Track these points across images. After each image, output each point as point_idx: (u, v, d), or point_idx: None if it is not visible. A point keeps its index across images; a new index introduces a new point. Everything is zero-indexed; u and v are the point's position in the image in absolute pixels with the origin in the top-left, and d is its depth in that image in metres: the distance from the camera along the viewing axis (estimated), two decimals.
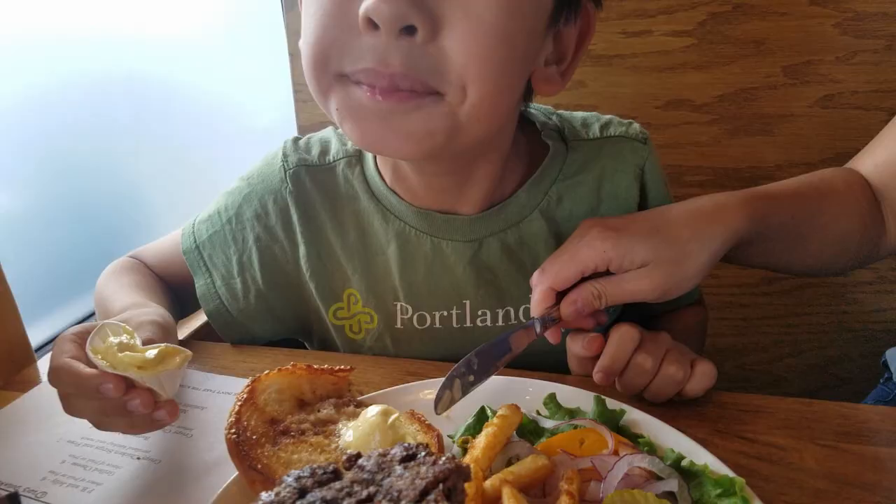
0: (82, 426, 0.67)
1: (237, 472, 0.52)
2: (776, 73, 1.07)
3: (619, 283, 0.63)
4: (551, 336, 0.65)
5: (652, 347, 0.64)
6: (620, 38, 1.10)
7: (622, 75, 1.11)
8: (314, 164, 0.79)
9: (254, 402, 0.54)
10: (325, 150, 0.80)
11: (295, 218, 0.78)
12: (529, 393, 0.63)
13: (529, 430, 0.58)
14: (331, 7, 0.55)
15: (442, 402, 0.60)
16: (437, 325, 0.79)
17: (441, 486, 0.37)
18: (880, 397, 1.00)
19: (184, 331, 1.08)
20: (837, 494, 0.54)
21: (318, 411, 0.56)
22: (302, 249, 0.79)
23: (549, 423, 0.59)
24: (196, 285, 0.82)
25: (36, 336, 0.92)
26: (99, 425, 0.58)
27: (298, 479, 0.40)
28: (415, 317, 0.79)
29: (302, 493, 0.39)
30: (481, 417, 0.58)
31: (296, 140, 0.82)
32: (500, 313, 0.79)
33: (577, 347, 0.65)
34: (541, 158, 0.77)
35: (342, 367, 0.63)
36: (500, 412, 0.55)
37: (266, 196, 0.79)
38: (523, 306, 0.78)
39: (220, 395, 0.71)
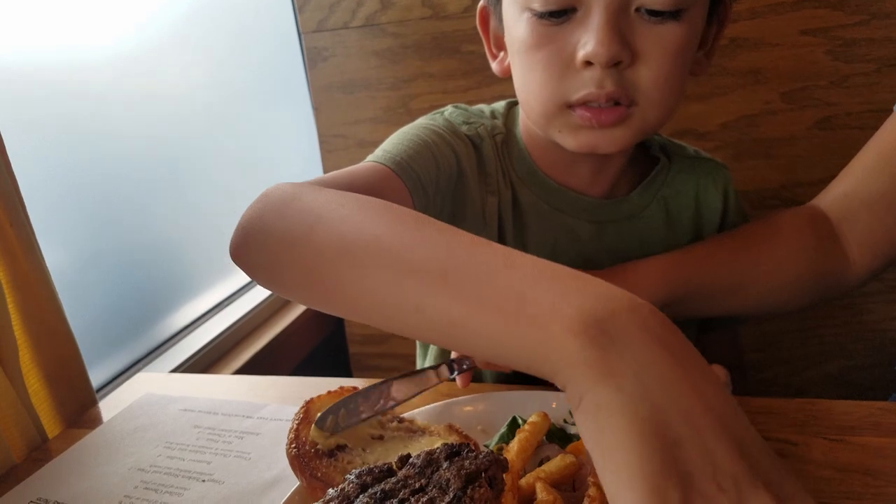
0: (150, 455, 0.74)
1: (297, 485, 0.58)
2: (774, 99, 1.14)
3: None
4: (461, 381, 0.72)
5: None
6: None
7: None
8: (483, 134, 0.85)
9: (309, 421, 0.60)
10: (489, 125, 0.86)
11: (493, 168, 0.83)
12: (552, 405, 0.69)
13: (558, 437, 0.63)
14: (553, 56, 0.70)
15: (327, 424, 0.60)
16: None
17: (483, 474, 0.43)
18: None
19: (233, 365, 1.16)
20: (843, 481, 0.59)
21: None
22: (493, 198, 0.84)
23: (575, 430, 0.64)
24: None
25: (96, 377, 0.99)
26: None
27: (360, 475, 0.46)
28: None
29: (363, 487, 0.45)
30: (513, 426, 0.64)
31: (458, 107, 0.88)
32: None
33: None
34: (646, 168, 0.88)
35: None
36: (530, 419, 0.61)
37: (465, 143, 0.82)
38: None
39: (272, 421, 0.77)
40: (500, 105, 0.90)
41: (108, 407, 0.86)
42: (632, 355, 0.38)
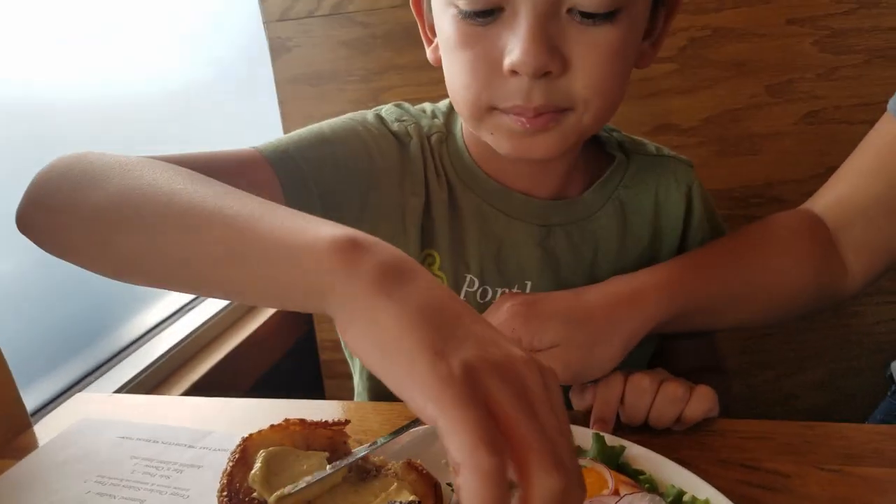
0: (78, 491, 0.66)
1: None
2: (759, 92, 1.08)
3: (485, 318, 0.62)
4: None
5: (647, 373, 0.65)
6: None
7: None
8: (419, 134, 0.80)
9: (246, 462, 0.54)
10: (427, 125, 0.82)
11: (420, 167, 0.78)
12: None
13: None
14: (478, 60, 0.65)
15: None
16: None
17: None
18: (889, 410, 0.99)
19: (189, 379, 1.08)
20: None
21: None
22: (417, 199, 0.78)
23: None
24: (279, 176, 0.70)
25: (31, 401, 0.91)
26: None
27: None
28: (479, 291, 0.80)
29: None
30: None
31: (398, 105, 0.83)
32: None
33: (575, 401, 0.68)
34: (602, 167, 0.82)
35: (337, 419, 0.62)
36: None
37: (388, 140, 0.78)
38: None
39: (217, 452, 0.70)
40: (443, 103, 0.84)
41: (44, 431, 0.79)
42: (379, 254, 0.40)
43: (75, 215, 0.53)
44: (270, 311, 1.32)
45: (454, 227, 0.80)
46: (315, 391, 1.44)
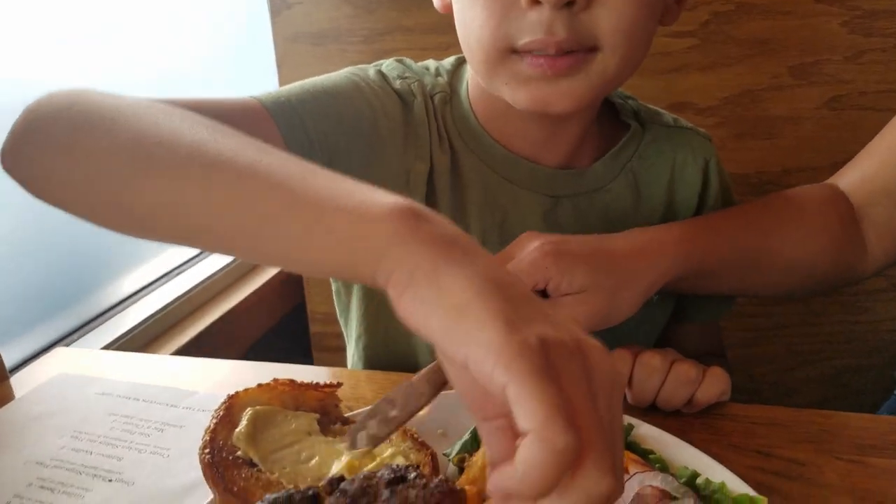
0: (54, 446, 0.63)
1: (210, 498, 0.47)
2: (782, 73, 1.04)
3: (553, 306, 0.59)
4: None
5: (658, 351, 0.63)
6: None
7: None
8: (422, 93, 0.75)
9: (231, 421, 0.50)
10: (430, 83, 0.77)
11: (426, 130, 0.74)
12: None
13: None
14: None
15: (361, 442, 0.48)
16: None
17: None
18: (894, 409, 0.96)
19: (176, 343, 1.04)
20: None
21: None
22: (420, 165, 0.74)
23: None
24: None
25: (14, 355, 0.88)
26: None
27: (274, 501, 0.36)
28: None
29: None
30: (478, 433, 0.54)
31: (400, 61, 0.78)
32: None
33: None
34: (615, 136, 0.78)
35: (329, 382, 0.58)
36: None
37: (391, 100, 0.73)
38: None
39: (200, 412, 0.67)
40: (448, 61, 0.79)
41: (21, 384, 0.75)
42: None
43: (78, 160, 0.47)
44: (260, 279, 1.28)
45: (455, 195, 0.76)
46: (304, 362, 1.40)
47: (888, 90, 1.01)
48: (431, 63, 0.79)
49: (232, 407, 0.52)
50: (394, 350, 0.80)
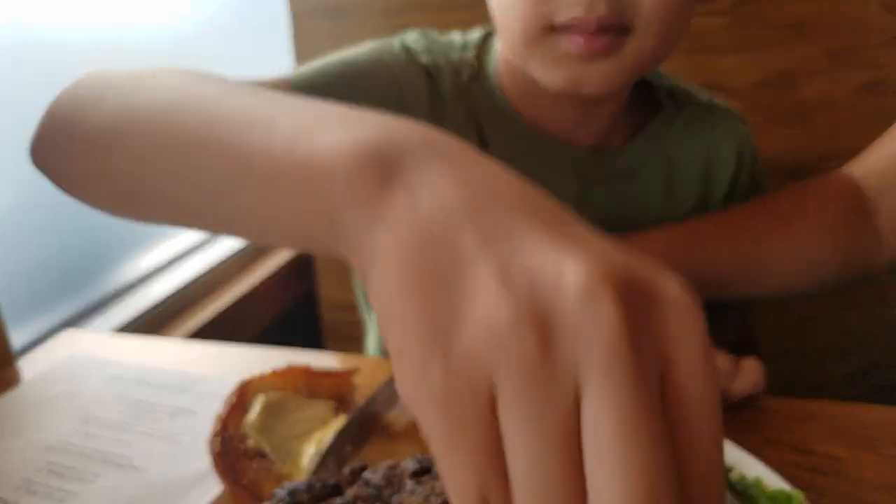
0: (64, 430, 0.62)
1: (221, 489, 0.45)
2: (818, 56, 1.01)
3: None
4: None
5: None
6: None
7: None
8: (445, 64, 0.73)
9: (243, 408, 0.48)
10: (458, 58, 0.75)
11: (425, 108, 0.72)
12: None
13: None
14: None
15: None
16: None
17: None
18: None
19: (188, 327, 1.03)
20: None
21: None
22: None
23: None
24: None
25: (23, 337, 0.87)
26: None
27: (293, 492, 0.34)
28: None
29: None
30: None
31: (424, 33, 0.76)
32: None
33: None
34: (648, 116, 0.75)
35: (345, 369, 0.56)
36: None
37: (419, 76, 0.71)
38: None
39: (212, 398, 0.64)
40: (474, 35, 0.76)
41: (30, 366, 0.74)
42: (415, 182, 0.27)
43: (70, 140, 0.45)
44: (273, 263, 1.26)
45: None
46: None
47: None
48: (457, 37, 0.77)
49: (244, 394, 0.50)
50: None
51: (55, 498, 0.54)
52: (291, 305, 1.33)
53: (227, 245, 1.21)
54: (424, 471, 0.34)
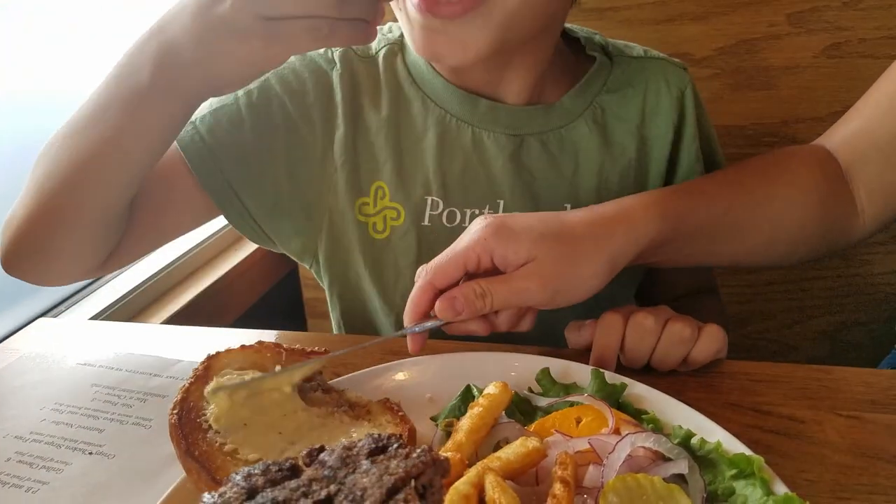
0: (34, 419, 0.62)
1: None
2: (779, 21, 1.01)
3: (506, 281, 0.55)
4: (412, 344, 0.57)
5: (651, 311, 0.60)
6: None
7: (615, 29, 1.04)
8: (359, 54, 0.76)
9: (207, 380, 0.48)
10: (377, 40, 0.77)
11: (338, 98, 0.73)
12: (515, 369, 0.57)
13: (521, 410, 0.52)
14: None
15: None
16: (467, 224, 0.70)
17: (413, 482, 0.31)
18: (894, 364, 0.95)
19: (167, 311, 1.02)
20: (865, 469, 0.49)
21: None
22: (339, 132, 0.73)
23: (542, 401, 0.53)
24: (199, 178, 0.72)
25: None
26: None
27: (248, 477, 0.34)
28: (445, 213, 0.74)
29: (251, 493, 0.33)
30: (466, 397, 0.52)
31: None
32: None
33: (571, 338, 0.63)
34: (584, 71, 0.76)
35: (315, 348, 0.57)
36: (486, 391, 0.50)
37: (304, 73, 0.74)
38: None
39: (183, 381, 0.65)
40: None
41: (2, 358, 0.73)
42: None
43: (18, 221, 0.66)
44: (252, 246, 1.26)
45: (411, 146, 0.74)
46: (297, 330, 1.38)
47: (888, 36, 0.98)
48: (393, 24, 0.78)
49: (210, 367, 0.50)
50: (363, 317, 0.80)
51: (24, 488, 0.53)
52: (277, 283, 1.33)
53: (207, 228, 1.20)
54: (380, 450, 0.35)
